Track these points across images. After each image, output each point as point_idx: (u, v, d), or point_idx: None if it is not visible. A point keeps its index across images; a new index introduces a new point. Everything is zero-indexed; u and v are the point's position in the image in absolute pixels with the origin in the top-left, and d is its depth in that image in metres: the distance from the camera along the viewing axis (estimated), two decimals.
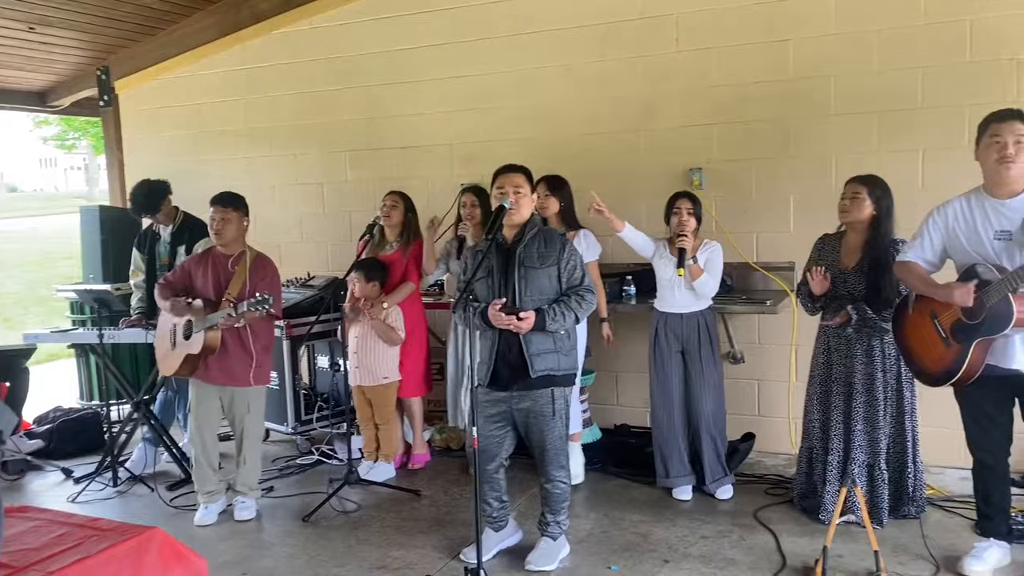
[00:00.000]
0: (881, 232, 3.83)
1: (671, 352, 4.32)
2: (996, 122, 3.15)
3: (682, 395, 4.33)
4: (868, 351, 3.85)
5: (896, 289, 3.74)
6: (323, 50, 6.14)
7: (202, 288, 4.28)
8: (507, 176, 3.60)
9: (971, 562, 3.39)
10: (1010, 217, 3.15)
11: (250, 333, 4.23)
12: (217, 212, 4.26)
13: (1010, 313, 3.04)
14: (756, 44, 4.90)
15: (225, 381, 4.26)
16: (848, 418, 3.90)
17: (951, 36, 4.48)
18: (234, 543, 4.04)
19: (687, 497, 4.33)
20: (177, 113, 6.81)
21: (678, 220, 4.24)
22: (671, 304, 4.32)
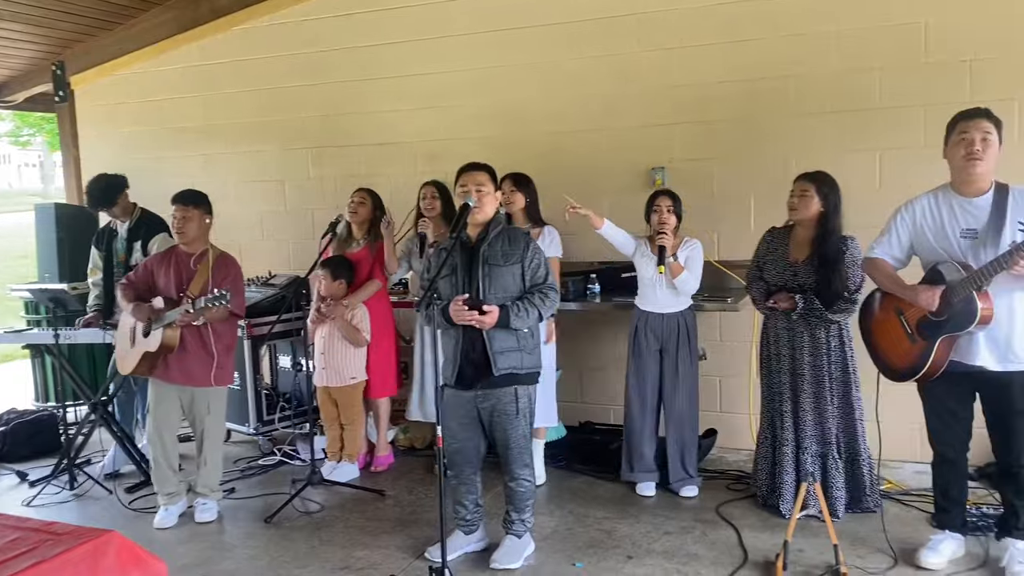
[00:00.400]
0: (829, 228, 3.90)
1: (650, 351, 4.34)
2: (964, 120, 3.20)
3: (657, 394, 4.35)
4: (814, 341, 3.93)
5: (845, 283, 3.82)
6: (283, 46, 6.08)
7: (164, 287, 4.22)
8: (470, 174, 3.60)
9: (927, 554, 3.46)
10: (976, 215, 3.20)
11: (212, 333, 4.18)
12: (178, 210, 4.20)
13: (974, 311, 3.09)
14: (718, 44, 4.95)
15: (185, 381, 4.20)
16: (797, 407, 3.98)
17: (908, 38, 4.56)
18: (195, 545, 3.99)
19: (651, 493, 4.37)
20: (135, 109, 6.70)
21: (658, 218, 4.26)
22: (652, 303, 4.34)
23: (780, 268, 4.00)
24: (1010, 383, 3.22)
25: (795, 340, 3.97)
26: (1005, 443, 3.30)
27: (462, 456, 3.63)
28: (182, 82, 6.47)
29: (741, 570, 3.50)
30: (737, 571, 3.49)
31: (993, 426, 3.34)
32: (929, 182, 3.42)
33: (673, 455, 4.36)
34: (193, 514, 4.28)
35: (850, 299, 3.84)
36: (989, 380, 3.25)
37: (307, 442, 4.77)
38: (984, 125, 3.16)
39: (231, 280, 4.18)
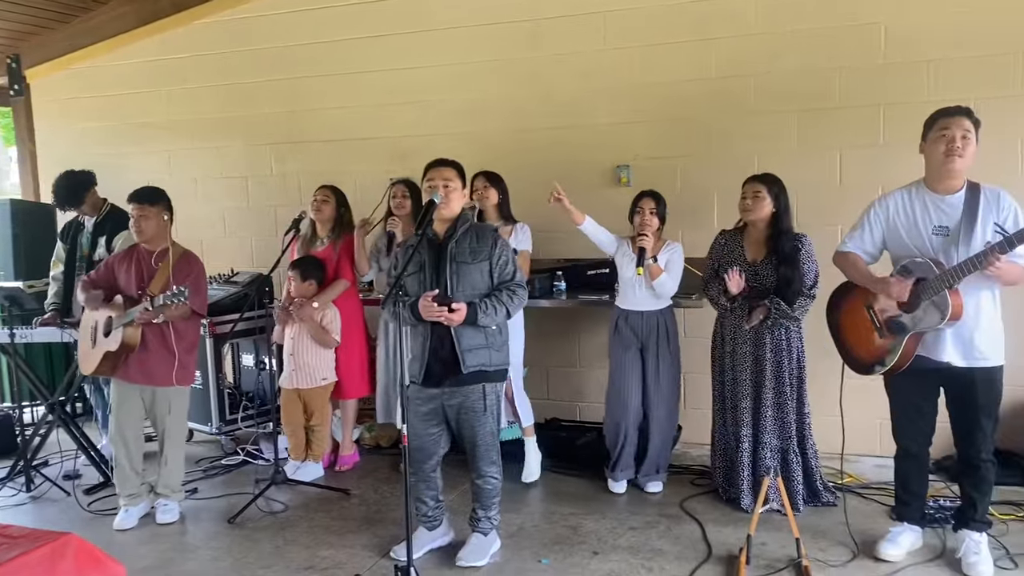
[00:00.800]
0: (783, 227, 3.98)
1: (630, 349, 4.35)
2: (945, 117, 3.23)
3: (639, 392, 4.36)
4: (775, 339, 3.99)
5: (803, 281, 3.86)
6: (247, 41, 6.00)
7: (125, 285, 4.15)
8: (437, 170, 3.58)
9: (886, 546, 3.52)
10: (948, 213, 3.25)
11: (173, 332, 4.12)
12: (135, 209, 4.14)
13: (945, 309, 3.14)
14: (681, 43, 4.98)
15: (146, 381, 4.13)
16: (758, 404, 4.03)
17: (866, 38, 4.63)
18: (156, 547, 3.93)
19: (622, 491, 4.38)
20: (93, 104, 6.58)
21: (640, 219, 4.27)
22: (632, 302, 4.35)
23: (740, 268, 4.04)
24: (974, 379, 3.27)
25: (756, 337, 4.02)
26: (968, 437, 3.36)
27: (422, 453, 3.61)
28: (142, 77, 6.37)
29: (705, 564, 3.54)
30: (701, 565, 3.52)
31: (957, 420, 3.40)
32: (888, 180, 3.48)
33: (651, 452, 4.38)
34: (154, 515, 4.22)
35: (809, 295, 3.92)
36: (954, 376, 3.30)
37: (271, 441, 4.73)
38: (965, 123, 3.20)
39: (192, 279, 4.12)
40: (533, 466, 4.62)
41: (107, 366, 4.10)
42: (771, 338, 4.00)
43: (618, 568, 3.53)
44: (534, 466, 4.63)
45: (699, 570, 3.48)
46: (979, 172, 3.35)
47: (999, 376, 3.31)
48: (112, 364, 4.08)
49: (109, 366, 4.10)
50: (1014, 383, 4.37)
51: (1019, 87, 4.40)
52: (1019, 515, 3.90)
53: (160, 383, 4.14)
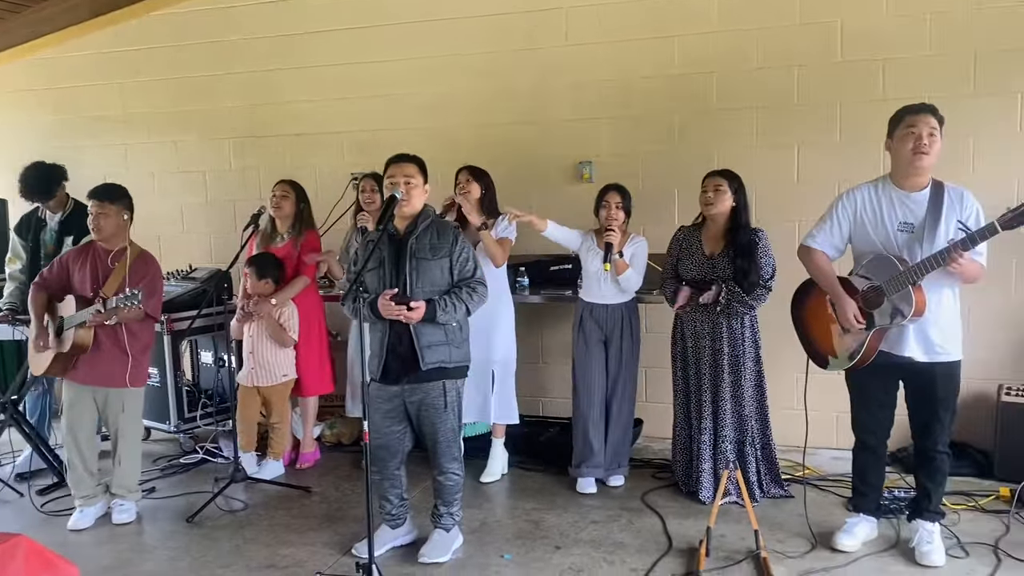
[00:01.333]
0: (742, 222, 4.03)
1: (595, 342, 4.35)
2: (911, 114, 3.26)
3: (603, 385, 4.37)
4: (731, 332, 4.04)
5: (760, 273, 3.92)
6: (204, 33, 5.92)
7: (79, 284, 4.05)
8: (398, 166, 3.55)
9: (843, 537, 3.57)
10: (914, 210, 3.29)
11: (126, 333, 4.03)
12: (95, 206, 4.03)
13: (909, 305, 3.18)
14: (643, 40, 5.01)
15: (99, 382, 4.05)
16: (716, 397, 4.07)
17: (824, 36, 4.70)
18: (112, 547, 3.86)
19: (592, 490, 4.35)
20: (47, 96, 6.44)
21: (607, 213, 4.28)
22: (596, 295, 4.35)
23: (697, 263, 4.09)
24: (934, 373, 3.34)
25: (715, 331, 4.07)
26: (925, 430, 3.42)
27: (387, 451, 3.60)
28: (98, 69, 6.24)
29: (666, 557, 3.57)
30: (662, 558, 3.55)
31: (915, 414, 3.46)
32: (844, 176, 3.54)
33: (614, 446, 4.39)
34: (111, 516, 4.14)
35: (766, 286, 3.98)
36: (916, 370, 3.36)
37: (230, 439, 4.67)
38: (931, 121, 3.24)
39: (148, 280, 4.03)
40: (495, 467, 4.60)
41: (57, 367, 4.01)
42: (727, 330, 4.04)
43: (580, 562, 3.55)
44: (496, 467, 4.60)
45: (660, 563, 3.51)
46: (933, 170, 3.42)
47: (958, 370, 3.38)
48: (63, 365, 4.00)
49: (60, 367, 4.01)
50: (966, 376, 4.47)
51: (971, 87, 4.49)
52: (971, 505, 3.98)
53: (113, 384, 4.06)
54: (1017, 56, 4.41)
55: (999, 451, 4.32)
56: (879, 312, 3.29)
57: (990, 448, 4.42)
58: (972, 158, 4.52)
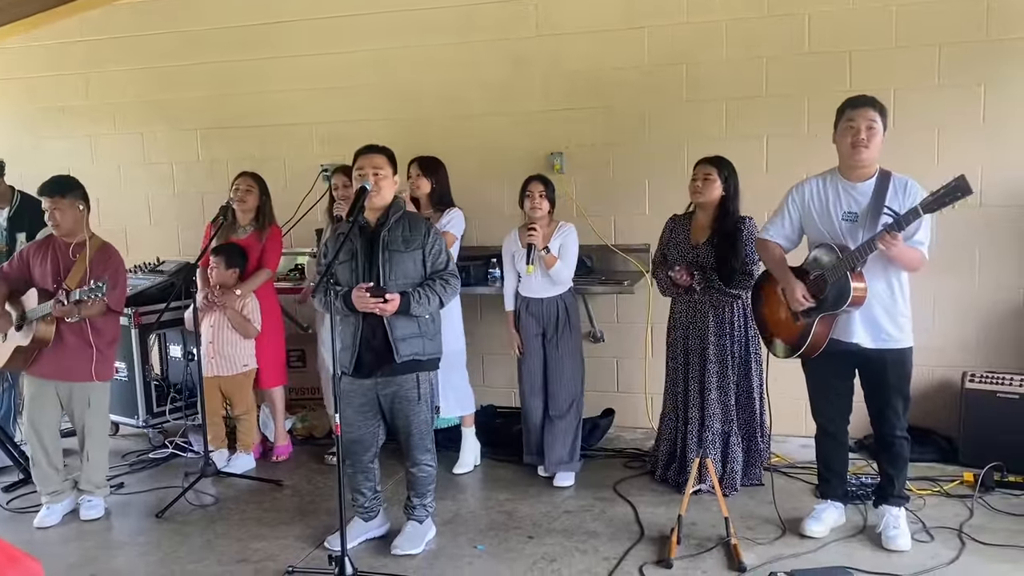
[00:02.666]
0: (730, 211, 4.03)
1: (532, 335, 4.35)
2: (851, 108, 3.32)
3: (542, 378, 4.37)
4: (719, 321, 4.05)
5: (743, 261, 3.95)
6: (171, 23, 5.83)
7: (40, 278, 3.98)
8: (367, 157, 3.53)
9: (811, 523, 3.62)
10: (858, 199, 3.35)
11: (90, 327, 3.95)
12: (47, 203, 3.93)
13: (848, 291, 3.25)
14: (613, 31, 5.01)
15: (63, 376, 3.98)
16: (703, 387, 4.09)
17: (791, 28, 4.73)
18: (81, 544, 3.82)
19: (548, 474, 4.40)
20: (7, 87, 6.31)
21: (530, 204, 4.24)
22: (530, 289, 4.34)
23: (682, 251, 4.10)
24: (884, 360, 3.40)
25: (701, 321, 4.07)
26: (881, 416, 3.49)
27: (360, 445, 3.59)
28: (61, 59, 6.12)
29: (638, 545, 3.59)
30: (634, 546, 3.58)
31: (870, 400, 3.53)
32: (812, 166, 3.57)
33: (551, 439, 4.35)
34: (78, 512, 4.09)
35: (746, 272, 3.97)
36: (866, 357, 3.43)
37: (200, 433, 4.62)
38: (870, 114, 3.29)
39: (111, 272, 3.96)
40: (467, 457, 4.60)
41: (18, 361, 3.95)
42: (714, 319, 4.04)
43: (553, 551, 3.57)
44: (468, 457, 4.61)
45: (632, 551, 3.54)
46: (898, 161, 3.47)
47: (908, 357, 3.45)
48: (23, 359, 3.93)
49: (20, 361, 3.94)
50: (930, 363, 4.57)
51: (937, 78, 4.55)
52: (935, 490, 4.05)
53: (78, 378, 3.99)
54: (981, 48, 4.47)
55: (963, 437, 4.39)
56: (824, 299, 3.35)
57: (954, 434, 4.49)
58: (937, 149, 4.58)
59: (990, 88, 4.49)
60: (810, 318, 3.39)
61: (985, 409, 4.31)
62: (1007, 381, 4.30)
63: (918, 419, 4.65)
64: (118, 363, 4.98)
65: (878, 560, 3.38)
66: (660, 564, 3.40)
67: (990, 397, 4.31)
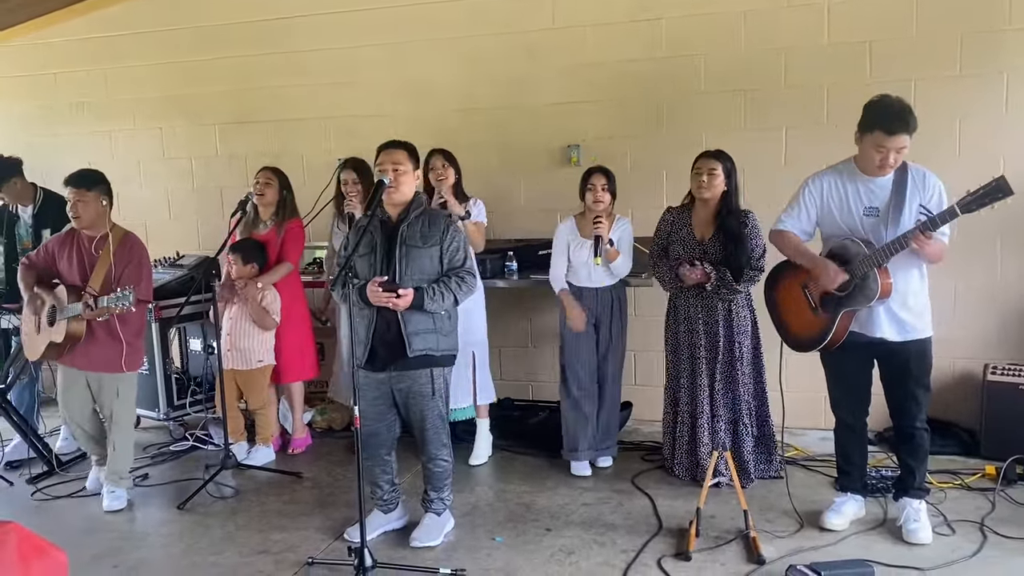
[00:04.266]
0: (732, 206, 4.02)
1: (585, 326, 4.34)
2: (885, 133, 3.17)
3: (594, 368, 4.37)
4: (727, 315, 4.04)
5: (749, 256, 3.93)
6: (189, 18, 5.86)
7: (67, 274, 4.03)
8: (388, 153, 3.52)
9: (830, 516, 3.61)
10: (878, 194, 3.33)
11: (117, 320, 3.99)
12: (72, 194, 3.98)
13: (875, 287, 3.23)
14: (629, 23, 5.00)
15: (94, 367, 4.04)
16: (713, 380, 4.08)
17: (811, 19, 4.69)
18: (104, 535, 3.86)
19: (587, 473, 4.36)
20: (27, 83, 6.36)
21: (593, 196, 4.24)
22: (585, 279, 4.33)
23: (688, 247, 4.08)
24: (906, 352, 3.38)
25: (710, 315, 4.06)
26: (902, 407, 3.47)
27: (376, 438, 3.60)
28: (80, 55, 6.17)
29: (656, 538, 3.59)
30: (652, 539, 3.58)
31: (890, 392, 3.51)
32: (832, 158, 3.54)
33: (603, 428, 4.41)
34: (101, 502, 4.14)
35: (757, 267, 3.96)
36: (888, 348, 3.41)
37: (220, 426, 4.66)
38: (903, 141, 3.18)
39: (135, 265, 4.00)
40: (482, 450, 4.62)
41: (53, 353, 4.04)
42: (723, 313, 4.03)
43: (571, 544, 3.57)
44: (483, 450, 4.63)
45: (650, 543, 3.53)
46: (919, 152, 3.43)
47: (929, 347, 3.43)
48: (58, 351, 4.02)
49: (55, 353, 4.03)
50: (952, 355, 4.54)
51: (958, 68, 4.51)
52: (957, 483, 4.03)
53: (108, 370, 4.05)
54: (1002, 37, 4.43)
55: (985, 429, 4.36)
56: (849, 294, 3.32)
57: (976, 427, 4.47)
58: (958, 140, 4.54)
59: (1012, 77, 4.45)
60: (834, 312, 3.37)
61: (1007, 402, 4.27)
62: None
63: (939, 412, 4.63)
64: None
65: (898, 553, 3.36)
66: (678, 557, 3.40)
67: (1012, 390, 4.28)
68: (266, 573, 3.43)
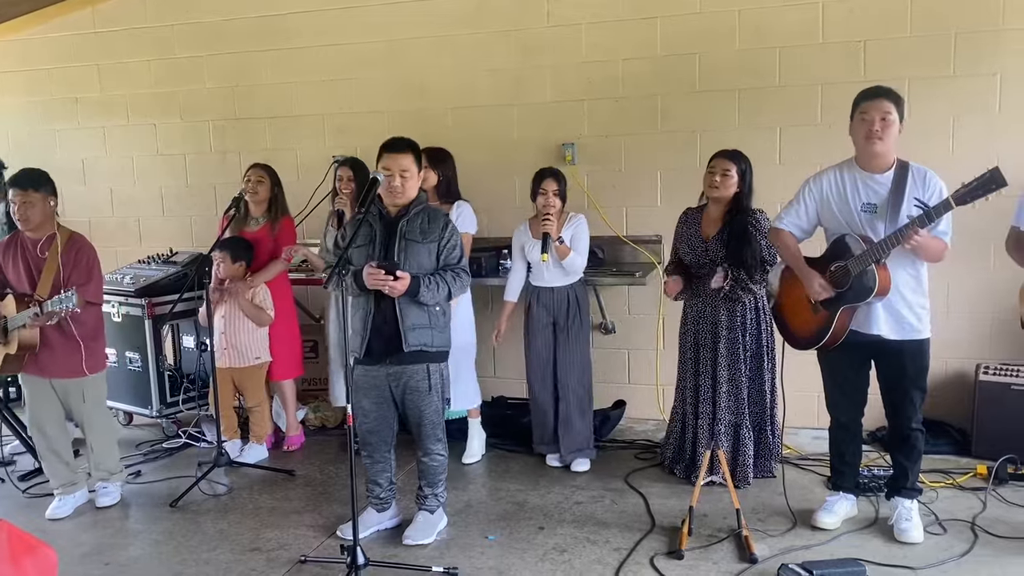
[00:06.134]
0: (743, 206, 4.00)
1: (542, 325, 4.36)
2: (865, 100, 3.30)
3: (552, 367, 4.38)
4: (732, 315, 4.02)
5: (759, 256, 3.92)
6: (184, 14, 5.83)
7: (15, 280, 3.92)
8: (393, 157, 3.46)
9: (822, 515, 3.62)
10: (877, 191, 3.33)
11: (72, 322, 3.87)
12: (17, 195, 3.82)
13: (873, 283, 3.23)
14: (625, 21, 4.99)
15: (56, 374, 3.96)
16: (715, 381, 4.07)
17: (805, 18, 4.69)
18: (96, 533, 3.85)
19: (557, 464, 4.42)
20: (21, 78, 6.32)
21: (543, 201, 4.24)
22: (541, 279, 4.35)
23: (693, 245, 4.08)
24: (903, 351, 3.38)
25: (717, 316, 4.03)
26: (897, 407, 3.47)
27: (377, 436, 3.60)
28: (75, 50, 6.14)
29: (649, 536, 3.60)
30: (645, 537, 3.58)
31: (887, 392, 3.51)
32: (827, 157, 3.55)
33: (565, 429, 4.38)
34: (94, 500, 4.12)
35: (764, 267, 3.93)
36: (885, 348, 3.40)
37: (212, 423, 4.65)
38: (884, 105, 3.26)
39: (83, 267, 3.89)
40: (475, 448, 4.62)
41: (13, 365, 3.93)
42: (727, 314, 4.00)
43: (563, 542, 3.57)
44: (476, 448, 4.62)
45: (643, 542, 3.54)
46: (914, 151, 3.44)
47: (927, 348, 3.43)
48: (17, 364, 3.92)
49: (15, 365, 3.93)
50: (944, 355, 4.55)
51: (952, 68, 4.51)
52: (949, 483, 4.04)
53: (71, 375, 3.96)
54: (996, 37, 4.43)
55: (976, 429, 4.37)
56: (846, 291, 3.33)
57: (968, 426, 4.47)
58: (952, 139, 4.54)
59: (1006, 77, 4.45)
60: (833, 309, 3.37)
61: (999, 402, 4.28)
62: (1022, 373, 4.27)
63: (931, 411, 4.62)
64: (131, 353, 5.04)
65: (890, 552, 3.37)
66: (671, 555, 3.40)
67: (1004, 389, 4.29)
68: (258, 571, 3.42)
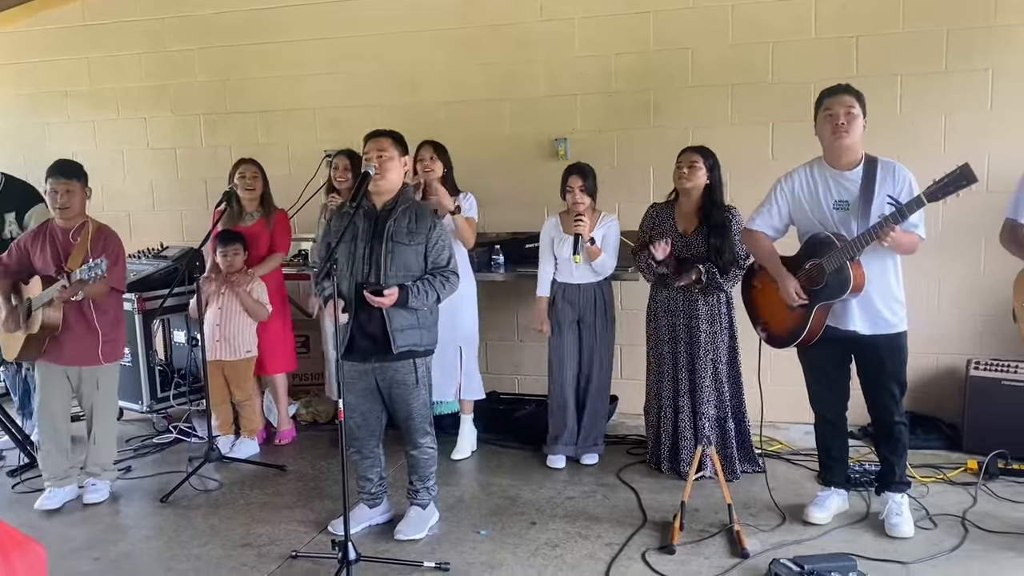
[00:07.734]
0: (715, 199, 4.02)
1: (569, 322, 4.34)
2: (828, 96, 3.34)
3: (576, 364, 4.37)
4: (710, 310, 4.05)
5: (735, 252, 3.94)
6: (174, 7, 5.80)
7: (42, 266, 3.97)
8: (373, 141, 3.49)
9: (813, 510, 3.63)
10: (847, 188, 3.35)
11: (94, 309, 3.96)
12: (60, 184, 3.92)
13: (848, 280, 3.25)
14: (618, 15, 4.98)
15: (72, 361, 4.00)
16: (694, 375, 4.09)
17: (798, 13, 4.70)
18: (86, 528, 3.83)
19: (561, 466, 4.39)
20: (10, 72, 6.29)
21: (571, 199, 4.23)
22: (568, 276, 4.33)
23: (671, 240, 4.07)
24: (879, 346, 3.40)
25: (691, 309, 4.07)
26: (878, 401, 3.49)
27: (366, 430, 3.60)
28: (64, 43, 6.10)
29: (640, 531, 3.60)
30: (636, 532, 3.58)
31: (867, 386, 3.53)
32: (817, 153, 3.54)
33: (587, 425, 4.41)
34: (82, 496, 4.10)
35: (741, 266, 3.97)
36: (862, 343, 3.43)
37: (203, 418, 4.64)
38: (847, 100, 3.29)
39: (112, 254, 3.96)
40: (464, 444, 4.60)
41: (32, 350, 3.95)
42: (705, 308, 4.05)
43: (555, 537, 3.58)
44: (465, 444, 4.60)
45: (634, 537, 3.54)
46: (905, 147, 3.46)
47: (904, 342, 3.45)
48: (36, 348, 3.94)
49: (33, 350, 3.95)
50: (935, 351, 4.57)
51: (944, 64, 4.52)
52: (939, 477, 4.05)
53: (87, 362, 4.01)
54: (988, 33, 4.44)
55: (967, 424, 4.39)
56: (821, 288, 3.34)
57: (958, 421, 4.49)
58: (944, 135, 4.55)
59: (997, 74, 4.46)
60: (808, 306, 3.39)
61: (989, 397, 4.31)
62: (1012, 369, 4.30)
63: (922, 406, 4.66)
64: None
65: (881, 546, 3.38)
66: (663, 550, 3.41)
67: (994, 385, 4.31)
68: (249, 566, 3.41)
